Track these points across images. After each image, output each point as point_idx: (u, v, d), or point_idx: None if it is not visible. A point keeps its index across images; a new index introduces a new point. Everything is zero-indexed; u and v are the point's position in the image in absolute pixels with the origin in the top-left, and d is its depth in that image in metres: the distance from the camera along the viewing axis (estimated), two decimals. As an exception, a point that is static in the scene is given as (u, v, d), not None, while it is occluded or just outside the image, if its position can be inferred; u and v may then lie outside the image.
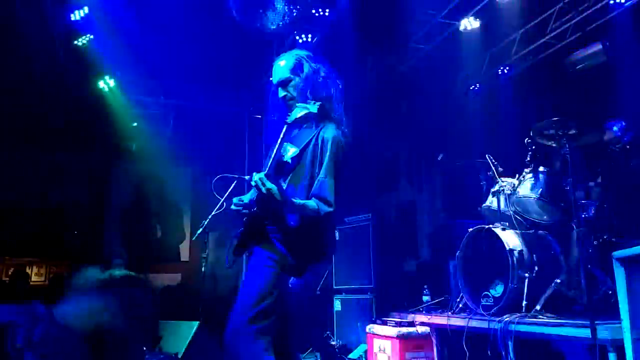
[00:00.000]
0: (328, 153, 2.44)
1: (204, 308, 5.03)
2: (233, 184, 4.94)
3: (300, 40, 5.37)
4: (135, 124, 7.40)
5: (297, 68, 2.58)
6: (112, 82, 6.75)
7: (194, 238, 4.83)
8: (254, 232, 2.49)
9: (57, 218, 7.79)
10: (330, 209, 2.38)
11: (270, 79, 2.72)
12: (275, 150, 2.40)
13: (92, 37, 6.04)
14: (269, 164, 2.38)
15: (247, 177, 5.46)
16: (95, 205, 7.73)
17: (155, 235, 8.28)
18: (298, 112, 2.40)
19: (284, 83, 2.59)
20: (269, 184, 2.25)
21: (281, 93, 2.60)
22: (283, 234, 2.42)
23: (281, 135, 2.42)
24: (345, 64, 5.03)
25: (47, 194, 7.77)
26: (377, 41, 5.62)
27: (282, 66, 2.60)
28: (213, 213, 4.76)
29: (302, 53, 2.67)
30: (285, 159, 2.51)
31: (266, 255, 2.42)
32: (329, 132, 2.49)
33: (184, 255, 8.25)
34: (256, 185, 2.28)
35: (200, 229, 4.81)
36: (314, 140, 2.50)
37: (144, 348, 3.42)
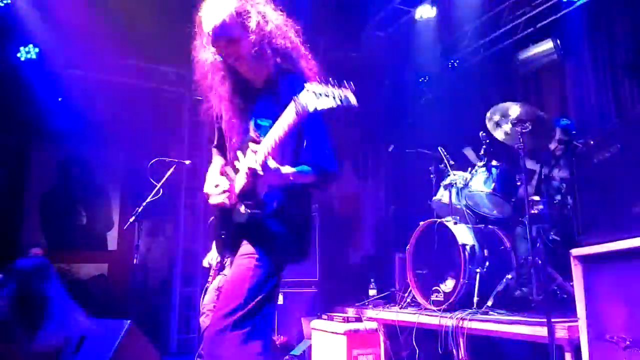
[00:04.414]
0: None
1: (134, 303, 4.67)
2: (171, 169, 4.59)
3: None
4: (60, 100, 6.76)
5: (244, 20, 2.00)
6: (34, 52, 6.10)
7: (125, 227, 4.41)
8: (241, 225, 2.08)
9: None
10: (336, 170, 2.10)
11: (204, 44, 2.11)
12: (282, 132, 1.89)
13: (10, -1, 5.36)
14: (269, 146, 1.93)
15: (187, 162, 5.11)
16: (12, 189, 6.99)
17: (80, 221, 7.66)
18: (322, 102, 1.76)
19: (230, 42, 2.03)
20: (273, 163, 1.91)
21: (230, 52, 2.05)
22: (280, 218, 2.07)
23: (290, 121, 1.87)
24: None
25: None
26: (331, 22, 5.38)
27: (222, 21, 1.99)
28: (148, 200, 4.41)
29: None
30: (261, 138, 2.03)
31: (256, 250, 2.05)
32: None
33: (112, 244, 7.69)
34: (251, 173, 1.94)
35: (133, 217, 4.41)
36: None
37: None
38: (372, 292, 4.91)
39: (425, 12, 5.33)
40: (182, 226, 7.15)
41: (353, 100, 1.78)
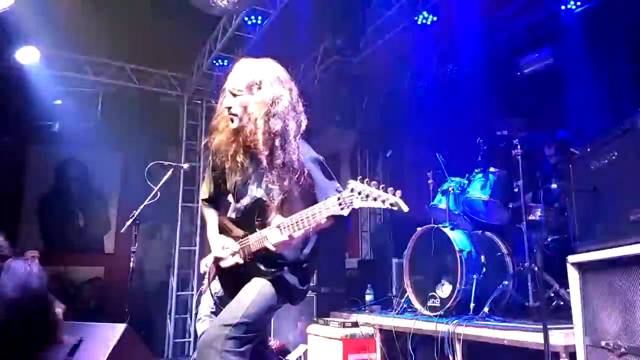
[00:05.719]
0: (319, 172, 2.22)
1: (130, 306, 4.63)
2: (169, 173, 4.58)
3: (250, 22, 5.03)
4: (58, 102, 6.76)
5: (254, 85, 2.19)
6: (34, 54, 6.11)
7: (122, 230, 4.39)
8: (251, 271, 2.26)
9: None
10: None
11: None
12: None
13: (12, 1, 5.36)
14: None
15: (184, 166, 5.10)
16: (10, 190, 6.96)
17: (77, 224, 7.63)
18: (368, 203, 1.83)
19: (233, 93, 2.21)
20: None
21: (227, 102, 2.22)
22: (295, 269, 2.25)
23: None
24: (296, 50, 4.78)
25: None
26: (331, 28, 5.39)
27: (240, 74, 2.22)
28: (146, 203, 4.39)
29: (273, 72, 2.23)
30: (273, 201, 2.22)
31: (272, 280, 2.22)
32: (305, 153, 2.23)
33: (108, 247, 7.67)
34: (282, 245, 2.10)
35: (130, 220, 4.40)
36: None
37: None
38: (368, 297, 4.90)
39: (425, 19, 5.34)
40: (178, 230, 7.14)
41: (404, 207, 1.77)
